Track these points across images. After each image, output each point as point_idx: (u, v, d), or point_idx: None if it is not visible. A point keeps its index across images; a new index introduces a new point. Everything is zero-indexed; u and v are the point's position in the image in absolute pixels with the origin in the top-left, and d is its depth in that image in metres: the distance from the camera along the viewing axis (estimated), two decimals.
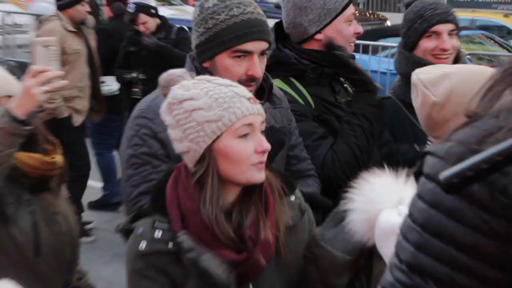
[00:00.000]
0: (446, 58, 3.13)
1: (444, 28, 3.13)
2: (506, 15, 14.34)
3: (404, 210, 1.78)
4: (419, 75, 2.40)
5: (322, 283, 2.13)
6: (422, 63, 2.92)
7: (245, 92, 2.04)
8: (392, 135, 3.09)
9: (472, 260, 1.13)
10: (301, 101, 2.92)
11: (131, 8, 6.71)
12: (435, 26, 3.11)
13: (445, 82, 2.31)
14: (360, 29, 2.99)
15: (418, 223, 1.18)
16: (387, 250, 1.81)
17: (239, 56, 2.41)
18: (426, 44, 3.14)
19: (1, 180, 2.54)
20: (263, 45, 2.44)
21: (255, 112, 2.00)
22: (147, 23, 6.71)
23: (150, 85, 6.20)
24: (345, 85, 3.07)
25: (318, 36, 2.97)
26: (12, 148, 2.50)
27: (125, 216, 2.31)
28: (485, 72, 2.07)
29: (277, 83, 2.86)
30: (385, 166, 1.90)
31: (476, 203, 1.12)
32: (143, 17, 6.69)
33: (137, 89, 6.65)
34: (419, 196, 1.20)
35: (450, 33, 3.15)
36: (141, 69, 6.67)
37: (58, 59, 2.62)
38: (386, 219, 1.82)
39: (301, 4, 2.96)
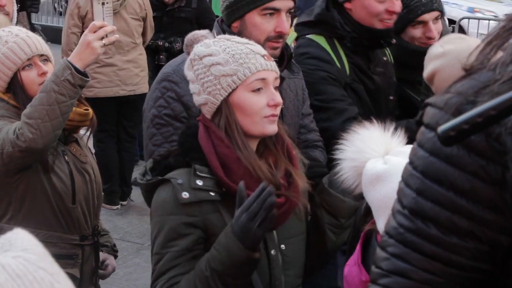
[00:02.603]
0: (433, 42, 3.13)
1: (430, 17, 3.16)
2: None
3: (390, 159, 1.84)
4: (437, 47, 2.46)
5: (332, 224, 2.23)
6: (409, 48, 3.11)
7: (261, 49, 2.13)
8: None
9: (470, 203, 1.16)
10: (338, 64, 2.94)
11: None
12: (421, 16, 3.14)
13: (434, 63, 2.36)
14: (396, 7, 2.95)
15: (418, 170, 1.21)
16: (372, 196, 1.88)
17: (268, 14, 2.50)
18: (413, 32, 3.19)
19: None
20: (290, 3, 2.53)
21: (269, 68, 2.09)
22: None
23: (172, 50, 6.44)
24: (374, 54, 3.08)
25: (347, 5, 2.97)
26: (74, 98, 2.63)
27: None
28: None
29: (320, 40, 2.94)
30: (373, 119, 1.96)
31: (473, 150, 1.15)
32: None
33: (162, 56, 6.72)
34: (419, 144, 1.22)
35: (435, 20, 3.18)
36: (162, 34, 6.71)
37: (112, 15, 2.74)
38: (372, 167, 1.87)
39: None
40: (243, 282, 2.07)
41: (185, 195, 2.06)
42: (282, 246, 2.19)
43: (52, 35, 12.79)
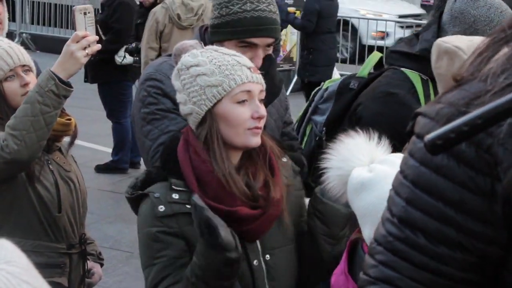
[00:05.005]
0: None
1: None
2: None
3: (376, 167, 1.84)
4: (453, 43, 2.33)
5: (325, 234, 2.19)
6: None
7: (247, 61, 2.13)
8: None
9: (459, 214, 1.15)
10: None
11: None
12: None
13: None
14: None
15: (409, 179, 1.20)
16: (357, 204, 1.87)
17: (245, 46, 2.47)
18: None
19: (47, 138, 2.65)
20: (270, 40, 2.50)
21: (254, 80, 2.10)
22: None
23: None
24: None
25: None
26: (58, 109, 2.61)
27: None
28: None
29: (414, 79, 2.65)
30: (359, 129, 1.94)
31: (463, 161, 1.14)
32: None
33: (137, 58, 6.86)
34: (410, 154, 1.21)
35: None
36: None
37: (94, 25, 2.70)
38: (357, 175, 1.86)
39: (455, 13, 2.60)
40: (229, 283, 2.07)
41: (161, 208, 2.08)
42: (267, 256, 2.17)
43: (41, 44, 12.83)
